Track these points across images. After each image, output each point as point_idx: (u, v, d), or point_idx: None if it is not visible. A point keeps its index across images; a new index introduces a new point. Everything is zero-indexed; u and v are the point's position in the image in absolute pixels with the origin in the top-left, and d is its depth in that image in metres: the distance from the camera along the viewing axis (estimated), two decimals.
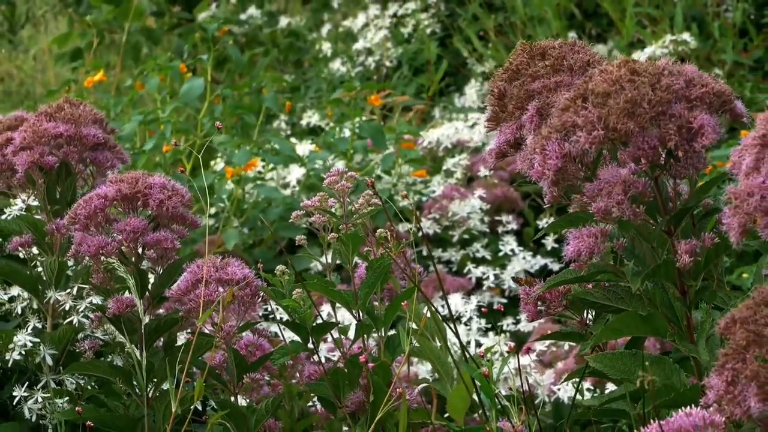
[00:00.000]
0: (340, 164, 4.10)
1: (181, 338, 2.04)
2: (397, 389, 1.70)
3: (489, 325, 3.08)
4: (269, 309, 2.31)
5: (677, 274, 1.49)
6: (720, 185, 1.49)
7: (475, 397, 1.70)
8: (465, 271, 3.65)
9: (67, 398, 1.96)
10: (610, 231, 1.46)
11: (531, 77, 1.63)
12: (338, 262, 1.97)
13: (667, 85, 1.40)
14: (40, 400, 1.95)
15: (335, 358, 2.03)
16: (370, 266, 1.89)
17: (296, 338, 1.93)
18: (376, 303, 1.97)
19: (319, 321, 1.90)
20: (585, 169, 1.45)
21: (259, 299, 1.86)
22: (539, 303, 1.66)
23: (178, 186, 1.93)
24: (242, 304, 1.85)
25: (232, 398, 1.93)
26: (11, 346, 1.97)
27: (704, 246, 1.47)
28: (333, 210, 1.94)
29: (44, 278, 2.02)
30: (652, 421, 1.22)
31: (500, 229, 3.83)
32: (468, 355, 1.76)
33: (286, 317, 1.96)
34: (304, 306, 1.85)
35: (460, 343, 1.77)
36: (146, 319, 1.90)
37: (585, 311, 1.67)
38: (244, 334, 2.01)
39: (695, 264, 1.46)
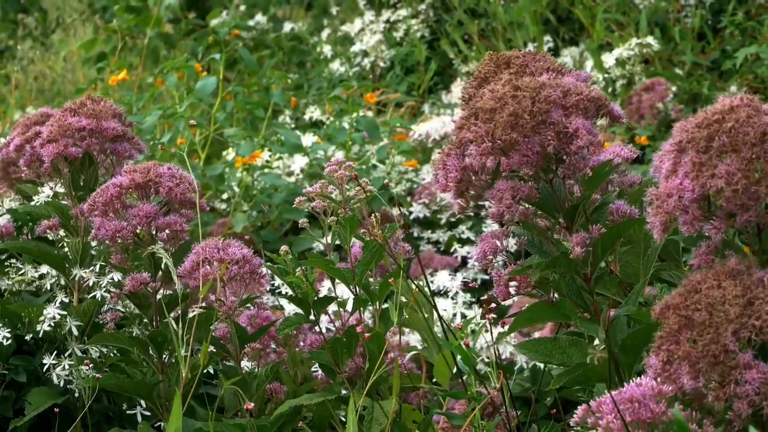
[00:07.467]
0: (339, 154, 4.09)
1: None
2: (390, 356, 1.68)
3: (473, 299, 3.07)
4: (275, 284, 2.29)
5: (577, 264, 1.47)
6: (602, 178, 1.46)
7: (459, 364, 1.69)
8: (452, 250, 3.64)
9: (91, 365, 1.96)
10: (510, 232, 1.46)
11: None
12: (337, 242, 1.96)
13: (545, 96, 1.39)
14: (66, 367, 1.96)
15: (334, 329, 2.01)
16: (366, 246, 1.88)
17: (299, 310, 1.91)
18: (371, 279, 1.95)
19: (320, 296, 1.89)
20: (488, 180, 1.44)
21: (258, 276, 1.85)
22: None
23: (185, 174, 1.93)
24: (242, 280, 1.84)
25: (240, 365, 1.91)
26: (41, 318, 1.98)
27: (593, 237, 1.45)
28: (333, 196, 1.93)
29: (70, 257, 2.03)
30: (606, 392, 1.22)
31: (483, 213, 3.81)
32: (447, 326, 1.76)
33: (290, 292, 1.95)
34: (306, 282, 1.85)
35: (439, 316, 1.78)
36: (159, 295, 1.91)
37: (551, 290, 1.67)
38: (249, 306, 2.00)
39: (588, 253, 1.44)
